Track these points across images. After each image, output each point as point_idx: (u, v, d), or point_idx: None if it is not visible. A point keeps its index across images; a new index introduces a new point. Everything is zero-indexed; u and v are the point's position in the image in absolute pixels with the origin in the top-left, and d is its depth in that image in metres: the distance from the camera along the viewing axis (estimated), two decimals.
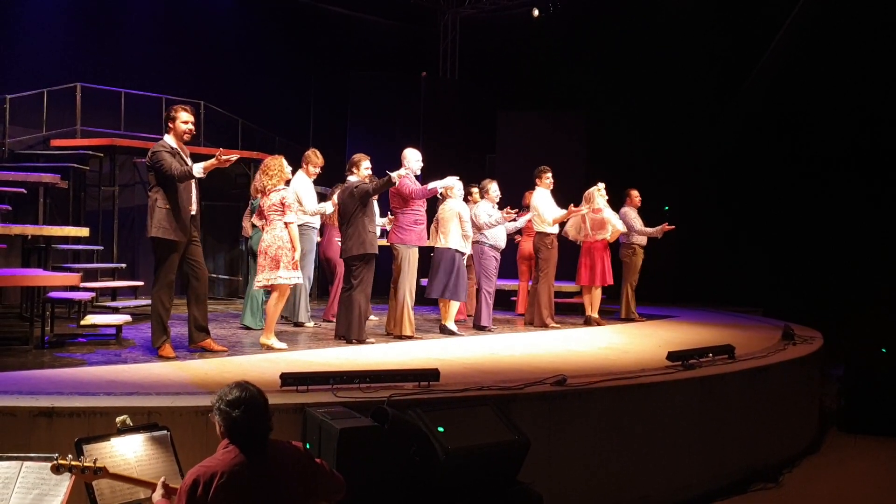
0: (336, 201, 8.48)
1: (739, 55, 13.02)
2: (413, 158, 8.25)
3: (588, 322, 9.96)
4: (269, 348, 7.04)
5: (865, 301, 11.57)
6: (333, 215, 8.86)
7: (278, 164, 7.25)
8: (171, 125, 6.47)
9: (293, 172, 7.85)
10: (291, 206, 7.19)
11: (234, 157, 6.28)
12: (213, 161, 6.21)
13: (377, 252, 7.80)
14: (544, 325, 9.39)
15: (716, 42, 13.04)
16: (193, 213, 6.54)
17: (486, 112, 14.57)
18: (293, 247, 7.09)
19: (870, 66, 12.11)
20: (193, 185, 6.52)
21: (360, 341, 7.61)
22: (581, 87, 14.04)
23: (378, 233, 8.26)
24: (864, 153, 12.35)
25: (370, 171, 7.94)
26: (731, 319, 10.85)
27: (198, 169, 6.24)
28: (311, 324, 9.02)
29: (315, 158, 8.77)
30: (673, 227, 10.42)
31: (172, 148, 6.37)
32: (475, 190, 9.85)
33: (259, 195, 7.63)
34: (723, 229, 13.21)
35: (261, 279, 7.14)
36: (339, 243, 8.32)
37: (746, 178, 13.24)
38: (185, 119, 6.45)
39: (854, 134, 12.38)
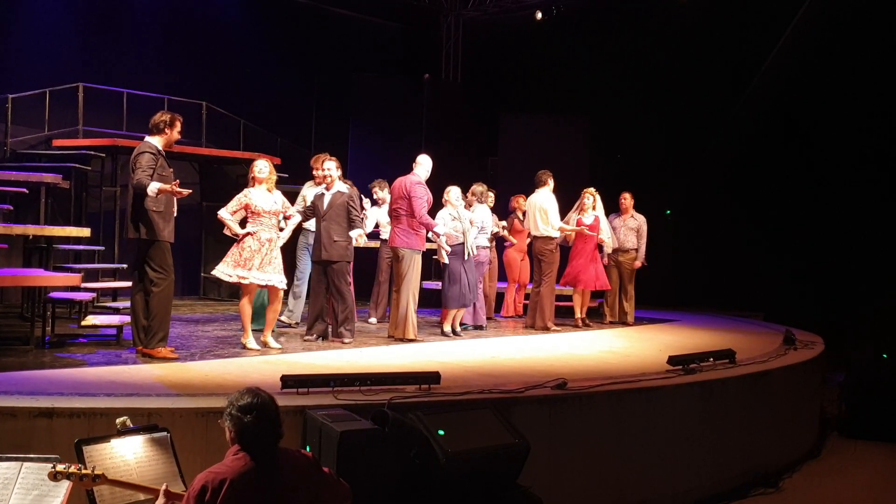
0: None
1: (742, 59, 13.00)
2: (426, 166, 8.29)
3: (587, 323, 9.98)
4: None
5: (867, 306, 11.55)
6: None
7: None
8: (166, 131, 6.47)
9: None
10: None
11: (187, 192, 6.31)
12: (167, 187, 6.17)
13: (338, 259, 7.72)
14: (545, 329, 9.38)
15: (719, 46, 13.01)
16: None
17: (488, 114, 14.54)
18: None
19: (868, 71, 12.08)
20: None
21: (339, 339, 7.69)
22: (584, 90, 14.00)
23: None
24: (866, 158, 12.32)
25: (340, 173, 7.89)
26: (732, 324, 10.83)
27: (153, 188, 6.15)
28: None
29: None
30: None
31: (160, 150, 6.38)
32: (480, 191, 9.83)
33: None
34: (724, 233, 13.19)
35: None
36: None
37: (749, 182, 13.23)
38: (180, 130, 6.60)
39: (857, 138, 12.36)
